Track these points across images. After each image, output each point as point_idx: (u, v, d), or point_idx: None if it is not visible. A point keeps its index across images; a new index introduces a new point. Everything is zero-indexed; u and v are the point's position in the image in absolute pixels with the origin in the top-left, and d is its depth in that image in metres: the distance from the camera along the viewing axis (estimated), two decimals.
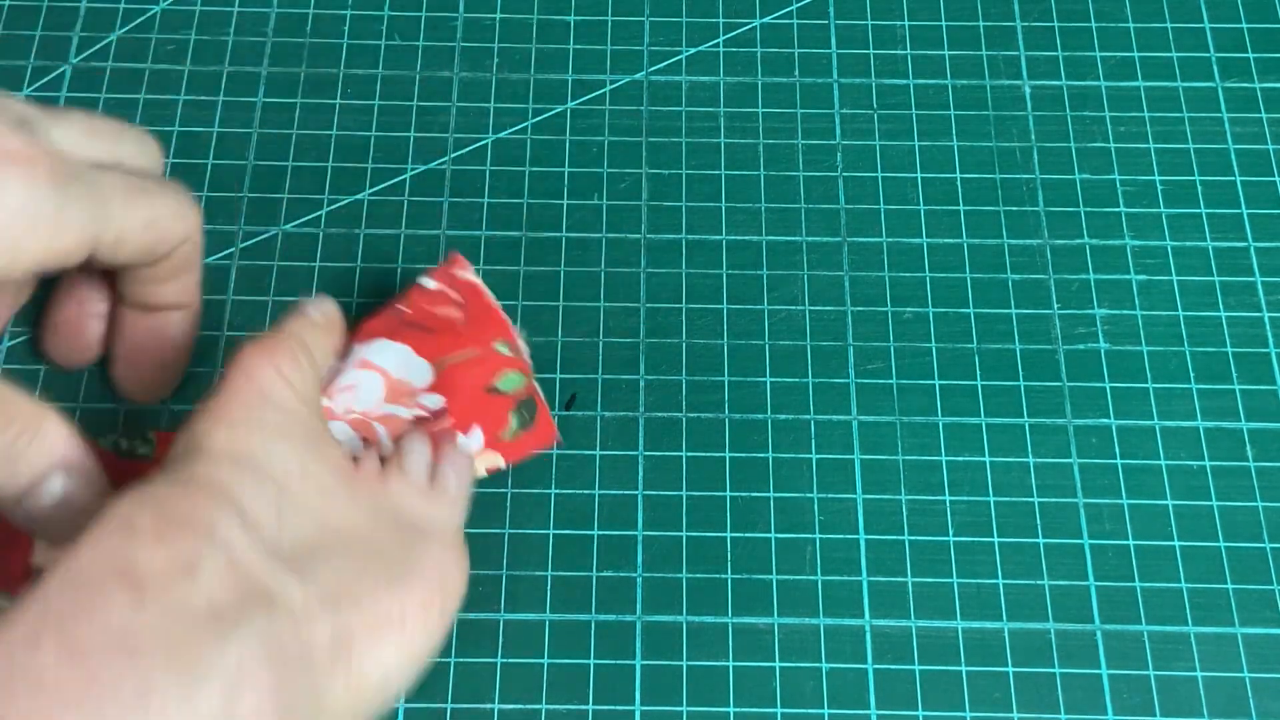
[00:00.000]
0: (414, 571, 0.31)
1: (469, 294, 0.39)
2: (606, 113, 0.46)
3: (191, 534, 0.28)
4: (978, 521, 0.40)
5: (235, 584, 0.27)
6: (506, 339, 0.38)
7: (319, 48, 0.47)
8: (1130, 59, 0.48)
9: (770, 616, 0.39)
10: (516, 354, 0.38)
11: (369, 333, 0.37)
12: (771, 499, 0.40)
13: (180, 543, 0.27)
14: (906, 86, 0.47)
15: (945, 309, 0.43)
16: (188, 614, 0.26)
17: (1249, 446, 0.41)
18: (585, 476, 0.40)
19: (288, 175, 0.45)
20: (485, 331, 0.38)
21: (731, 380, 0.42)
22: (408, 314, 0.38)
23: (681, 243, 0.44)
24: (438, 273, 0.39)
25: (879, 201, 0.45)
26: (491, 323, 0.39)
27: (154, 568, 0.27)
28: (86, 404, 0.41)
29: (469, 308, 0.39)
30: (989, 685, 0.38)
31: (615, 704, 0.37)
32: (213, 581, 0.27)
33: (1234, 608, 0.39)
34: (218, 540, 0.28)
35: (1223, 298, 0.43)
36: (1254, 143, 0.46)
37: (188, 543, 0.27)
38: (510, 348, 0.38)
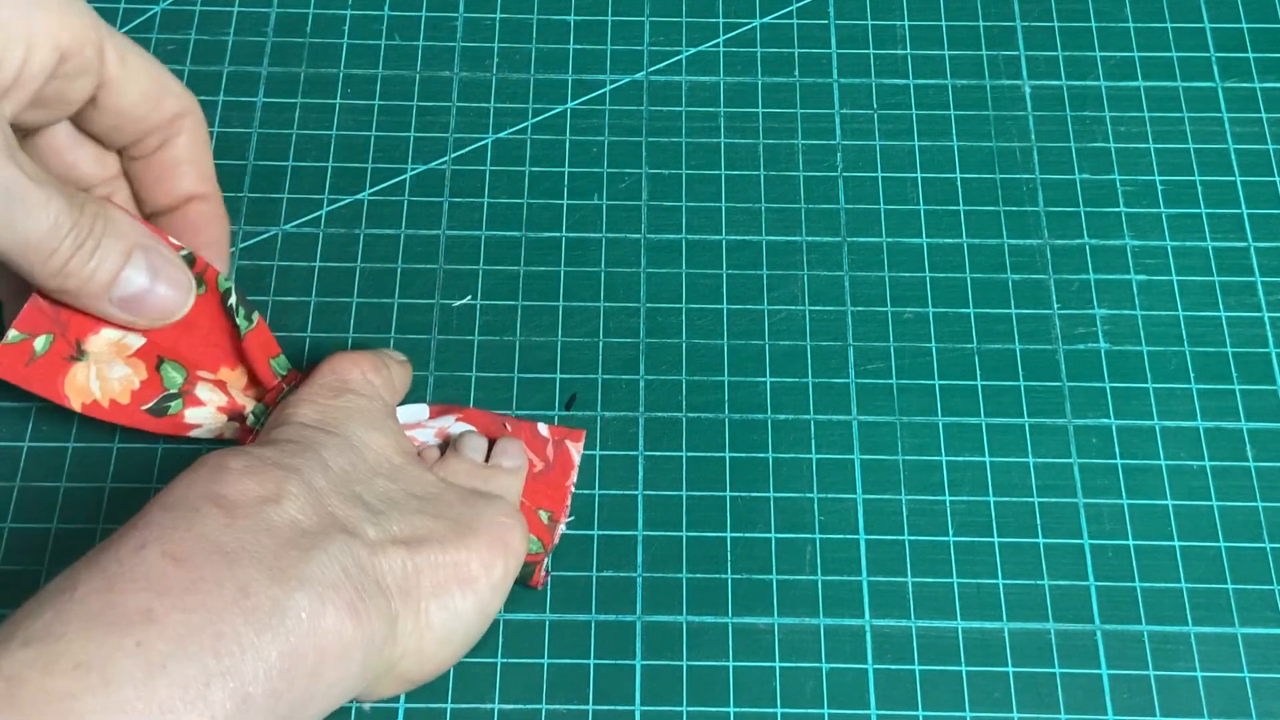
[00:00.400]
0: (478, 529, 0.34)
1: (559, 464, 0.40)
2: (606, 113, 0.46)
3: (277, 471, 0.31)
4: (978, 521, 0.40)
5: (317, 512, 0.31)
6: (554, 515, 0.39)
7: (319, 48, 0.47)
8: (1130, 59, 0.48)
9: (770, 616, 0.39)
10: (551, 529, 0.39)
11: (469, 416, 0.40)
12: (771, 499, 0.40)
13: (267, 477, 0.31)
14: (906, 86, 0.47)
15: (945, 309, 0.43)
16: (275, 532, 0.30)
17: (1249, 446, 0.41)
18: (585, 477, 0.40)
19: (288, 175, 0.45)
20: (542, 497, 0.39)
21: (731, 380, 0.42)
22: (508, 430, 0.40)
23: (681, 243, 0.44)
24: (556, 430, 0.40)
25: (879, 201, 0.45)
26: (554, 496, 0.40)
27: (244, 495, 0.30)
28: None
29: (549, 473, 0.40)
30: (989, 685, 0.38)
31: (615, 704, 0.37)
32: (295, 507, 0.31)
33: (1234, 608, 0.39)
34: (302, 478, 0.32)
35: (1223, 298, 0.43)
36: (1254, 143, 0.46)
37: (274, 477, 0.31)
38: (550, 520, 0.39)
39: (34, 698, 0.25)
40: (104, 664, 0.26)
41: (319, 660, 0.29)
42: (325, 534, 0.31)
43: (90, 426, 0.41)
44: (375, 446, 0.35)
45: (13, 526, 0.39)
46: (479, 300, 0.43)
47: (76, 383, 0.37)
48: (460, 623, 0.33)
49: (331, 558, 0.30)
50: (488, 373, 0.42)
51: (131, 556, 0.28)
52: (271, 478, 0.31)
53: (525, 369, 0.42)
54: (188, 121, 0.38)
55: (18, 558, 0.39)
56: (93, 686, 0.26)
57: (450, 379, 0.42)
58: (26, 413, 0.41)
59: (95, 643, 0.26)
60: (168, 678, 0.26)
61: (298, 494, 0.31)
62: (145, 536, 0.29)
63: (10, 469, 0.40)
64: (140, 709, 0.26)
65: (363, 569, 0.31)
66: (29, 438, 0.40)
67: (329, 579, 0.30)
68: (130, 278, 0.35)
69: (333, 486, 0.32)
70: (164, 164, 0.38)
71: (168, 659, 0.26)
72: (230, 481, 0.31)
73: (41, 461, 0.40)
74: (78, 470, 0.40)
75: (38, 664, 0.26)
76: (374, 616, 0.30)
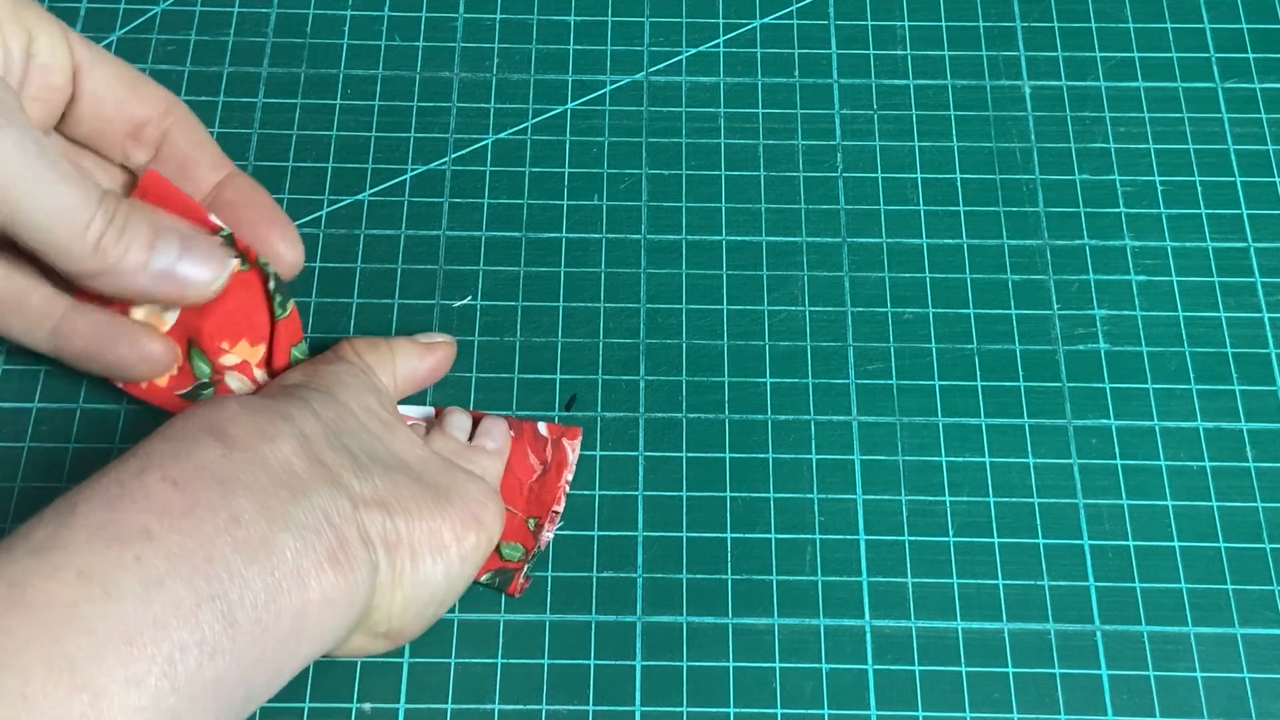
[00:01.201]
0: (454, 500, 0.35)
1: (556, 463, 0.40)
2: (607, 113, 0.46)
3: (272, 414, 0.32)
4: (978, 522, 0.40)
5: (307, 457, 0.32)
6: (541, 519, 0.39)
7: (319, 48, 0.47)
8: (1130, 59, 0.48)
9: (770, 617, 0.39)
10: (535, 536, 0.39)
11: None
12: (771, 499, 0.40)
13: (262, 417, 0.32)
14: (906, 87, 0.47)
15: (945, 309, 0.43)
16: (268, 468, 0.31)
17: (1249, 447, 0.41)
18: (585, 477, 0.40)
19: (288, 176, 0.45)
20: (535, 504, 0.40)
21: (731, 381, 0.42)
22: (511, 434, 0.40)
23: (681, 243, 0.44)
24: (554, 428, 0.40)
25: (879, 202, 0.45)
26: (545, 499, 0.40)
27: (241, 430, 0.31)
28: (87, 404, 0.41)
29: (546, 475, 0.40)
30: (989, 685, 0.38)
31: (615, 704, 0.37)
32: (288, 449, 0.32)
33: (1234, 608, 0.39)
34: (294, 424, 0.33)
35: (1223, 298, 0.43)
36: (1254, 143, 0.46)
37: (268, 419, 0.32)
38: (536, 527, 0.39)
39: (39, 602, 0.26)
40: (104, 575, 0.27)
41: (303, 601, 0.30)
42: (313, 479, 0.32)
43: (91, 427, 0.41)
44: (362, 405, 0.36)
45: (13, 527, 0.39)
46: (479, 301, 0.43)
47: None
48: (428, 587, 0.34)
49: (315, 504, 0.31)
50: (488, 373, 0.42)
51: (132, 480, 0.29)
52: (266, 419, 0.32)
53: (525, 369, 0.42)
54: (176, 113, 0.39)
55: None
56: (93, 595, 0.27)
57: (450, 379, 0.42)
58: (27, 413, 0.41)
59: (97, 554, 0.27)
60: (163, 594, 0.27)
61: (290, 435, 0.32)
62: (145, 463, 0.30)
63: (11, 470, 0.40)
64: (137, 620, 0.27)
65: (347, 519, 0.32)
66: (29, 439, 0.41)
67: (312, 524, 0.31)
68: (163, 253, 0.36)
69: (323, 435, 0.33)
70: (175, 160, 0.39)
71: (164, 575, 0.28)
72: (228, 418, 0.32)
73: (42, 462, 0.40)
74: (78, 472, 0.40)
75: (42, 570, 0.27)
76: (355, 565, 0.31)
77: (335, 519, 0.31)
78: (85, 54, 0.37)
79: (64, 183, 0.33)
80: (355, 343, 0.39)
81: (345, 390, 0.36)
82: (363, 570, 0.31)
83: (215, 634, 0.28)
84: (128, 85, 0.38)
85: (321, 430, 0.33)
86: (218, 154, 0.40)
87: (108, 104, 0.37)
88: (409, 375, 0.40)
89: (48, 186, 0.33)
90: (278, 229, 0.39)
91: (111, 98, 0.37)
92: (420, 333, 0.41)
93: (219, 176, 0.40)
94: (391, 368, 0.39)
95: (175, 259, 0.36)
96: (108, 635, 0.26)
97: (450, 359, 0.41)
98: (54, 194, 0.33)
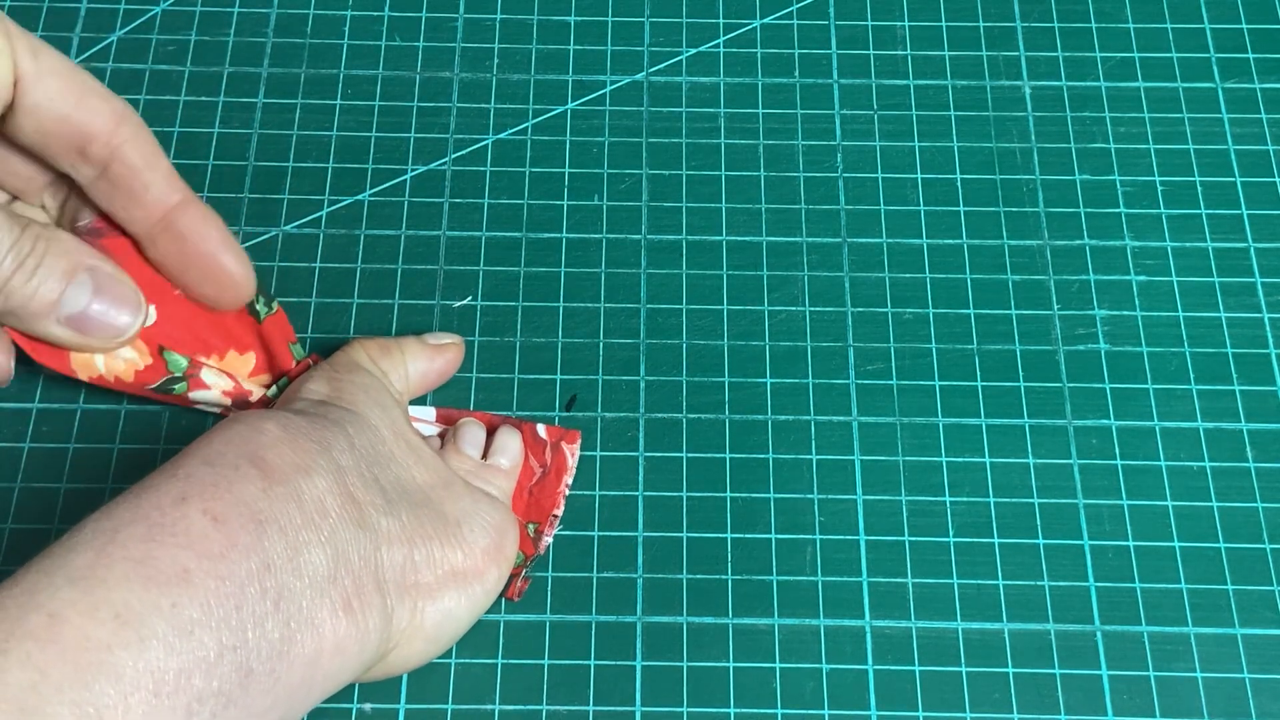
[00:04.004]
0: (474, 531, 0.35)
1: (555, 468, 0.40)
2: (607, 113, 0.46)
3: (310, 444, 0.32)
4: (978, 522, 0.40)
5: (340, 493, 0.32)
6: (540, 525, 0.39)
7: (319, 48, 0.47)
8: (1130, 59, 0.48)
9: (770, 617, 0.39)
10: (536, 541, 0.39)
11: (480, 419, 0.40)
12: (772, 500, 0.40)
13: (301, 447, 0.32)
14: (906, 87, 0.47)
15: (945, 310, 0.43)
16: (302, 505, 0.31)
17: (1249, 447, 0.41)
18: (585, 477, 0.40)
19: (288, 176, 0.45)
20: (535, 509, 0.40)
21: (731, 381, 0.42)
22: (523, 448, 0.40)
23: (682, 243, 0.44)
24: (553, 431, 0.40)
25: (879, 202, 0.45)
26: (545, 504, 0.40)
27: (280, 460, 0.31)
28: (87, 404, 0.41)
29: (545, 479, 0.40)
30: (989, 686, 0.38)
31: (616, 705, 0.37)
32: (323, 484, 0.31)
33: (1234, 608, 0.39)
34: (331, 455, 0.32)
35: (1223, 298, 0.43)
36: (1254, 143, 0.46)
37: (307, 449, 0.32)
38: (537, 533, 0.39)
39: (75, 642, 0.26)
40: (140, 620, 0.27)
41: (316, 650, 0.30)
42: (341, 522, 0.31)
43: (91, 428, 0.41)
44: (388, 424, 0.36)
45: (13, 527, 0.39)
46: (479, 301, 0.43)
47: (82, 358, 0.37)
48: (451, 623, 0.34)
49: (338, 552, 0.31)
50: (488, 374, 0.42)
51: (173, 509, 0.29)
52: (305, 448, 0.32)
53: (525, 370, 0.42)
54: (128, 130, 0.36)
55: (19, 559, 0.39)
56: (128, 641, 0.27)
57: (451, 380, 0.42)
58: (27, 413, 0.41)
59: (135, 595, 0.27)
60: (191, 644, 0.27)
61: (327, 469, 0.32)
62: (187, 489, 0.30)
63: (11, 470, 0.40)
64: (165, 670, 0.27)
65: (365, 563, 0.32)
66: (29, 439, 0.41)
67: (330, 572, 0.31)
68: (75, 296, 0.35)
69: (355, 466, 0.33)
70: (124, 180, 0.36)
71: (195, 625, 0.28)
72: (268, 445, 0.31)
73: (42, 462, 0.40)
74: (78, 472, 0.40)
75: (80, 606, 0.27)
76: (369, 613, 0.31)
77: (356, 566, 0.31)
78: (29, 65, 0.34)
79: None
80: (368, 346, 0.39)
81: (374, 409, 0.36)
82: (376, 618, 0.31)
83: (231, 685, 0.28)
84: (72, 99, 0.35)
85: (355, 463, 0.33)
86: (171, 175, 0.37)
87: (47, 119, 0.35)
88: (419, 378, 0.40)
89: None
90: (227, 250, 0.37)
91: (52, 113, 0.35)
92: (427, 333, 0.41)
93: (171, 200, 0.37)
94: (403, 371, 0.39)
95: (88, 302, 0.35)
96: (135, 684, 0.26)
97: (459, 359, 0.41)
98: None
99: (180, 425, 0.41)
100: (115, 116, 0.36)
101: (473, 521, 0.35)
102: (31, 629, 0.26)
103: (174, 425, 0.41)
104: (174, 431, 0.41)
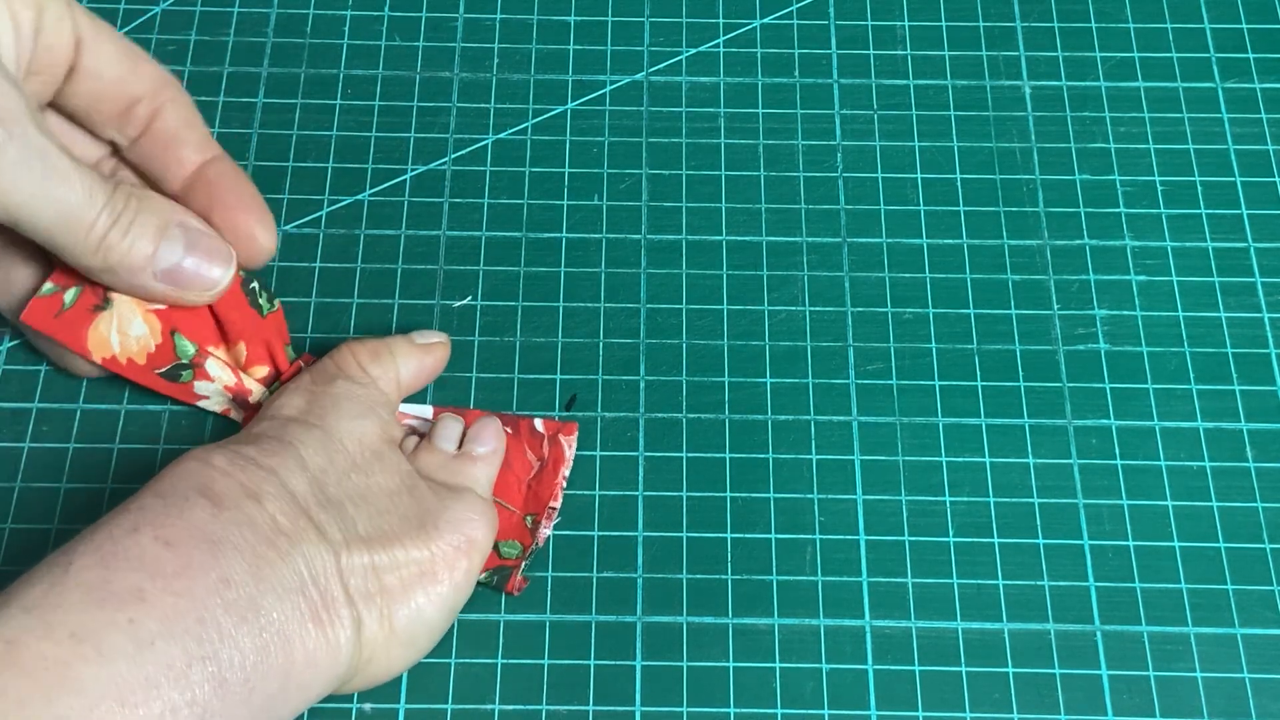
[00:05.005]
0: (443, 528, 0.35)
1: (553, 460, 0.40)
2: (607, 113, 0.46)
3: (258, 470, 0.33)
4: (978, 522, 0.40)
5: (292, 512, 0.32)
6: (538, 517, 0.39)
7: (319, 48, 0.47)
8: (1130, 59, 0.48)
9: (770, 617, 0.39)
10: (534, 532, 0.39)
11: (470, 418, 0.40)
12: (771, 499, 0.40)
13: (249, 475, 0.32)
14: (906, 87, 0.47)
15: (945, 310, 0.43)
16: (256, 527, 0.31)
17: (1249, 447, 0.41)
18: (585, 477, 0.40)
19: (288, 176, 0.45)
20: (533, 501, 0.40)
21: (731, 381, 0.42)
22: (508, 432, 0.40)
23: (681, 243, 0.44)
24: (550, 424, 0.40)
25: (879, 202, 0.45)
26: (543, 496, 0.40)
27: (228, 490, 0.32)
28: (87, 404, 0.41)
29: (543, 471, 0.40)
30: (989, 685, 0.38)
31: (615, 705, 0.37)
32: (275, 507, 0.32)
33: (1234, 608, 0.39)
34: (279, 479, 0.33)
35: (1223, 298, 0.43)
36: (1254, 143, 0.46)
37: (255, 477, 0.32)
38: (534, 524, 0.39)
39: (32, 662, 0.26)
40: (97, 637, 0.27)
41: (288, 661, 0.30)
42: (298, 538, 0.32)
43: (91, 428, 0.41)
44: (356, 436, 0.36)
45: (13, 527, 0.39)
46: (479, 301, 0.43)
47: (99, 334, 0.37)
48: (424, 624, 0.34)
49: (300, 564, 0.31)
50: (488, 373, 0.42)
51: (125, 538, 0.30)
52: (253, 477, 0.32)
53: (525, 369, 0.42)
54: (170, 92, 0.38)
55: (19, 558, 0.39)
56: (86, 656, 0.27)
57: (450, 379, 0.42)
58: (27, 413, 0.41)
59: (90, 615, 0.28)
60: (154, 655, 0.28)
61: (275, 494, 0.32)
62: (138, 520, 0.30)
63: (11, 470, 0.40)
64: (129, 681, 0.27)
65: (329, 576, 0.32)
66: (29, 439, 0.41)
67: (296, 585, 0.31)
68: (169, 251, 0.36)
69: (308, 487, 0.33)
70: (163, 138, 0.38)
71: (156, 637, 0.28)
72: (216, 477, 0.32)
73: (42, 462, 0.40)
74: (78, 472, 0.40)
75: (36, 630, 0.27)
76: (337, 624, 0.32)
77: (321, 578, 0.32)
78: (89, 29, 0.36)
79: (67, 185, 0.33)
80: (357, 352, 0.39)
81: (342, 420, 0.36)
82: (346, 629, 0.32)
83: (205, 695, 0.28)
84: (127, 62, 0.37)
85: (307, 484, 0.34)
86: (207, 137, 0.39)
87: (105, 80, 0.37)
88: (411, 378, 0.40)
89: (51, 190, 0.33)
90: (255, 214, 0.39)
91: (110, 74, 0.37)
92: (414, 331, 0.41)
93: (204, 158, 0.39)
94: (394, 374, 0.39)
95: (181, 256, 0.36)
96: (100, 695, 0.27)
97: (446, 356, 0.41)
98: (57, 198, 0.33)
99: (180, 426, 0.41)
100: (161, 79, 0.38)
101: (438, 519, 0.35)
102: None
103: (174, 425, 0.41)
104: (174, 431, 0.41)
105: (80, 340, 0.37)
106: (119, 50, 0.37)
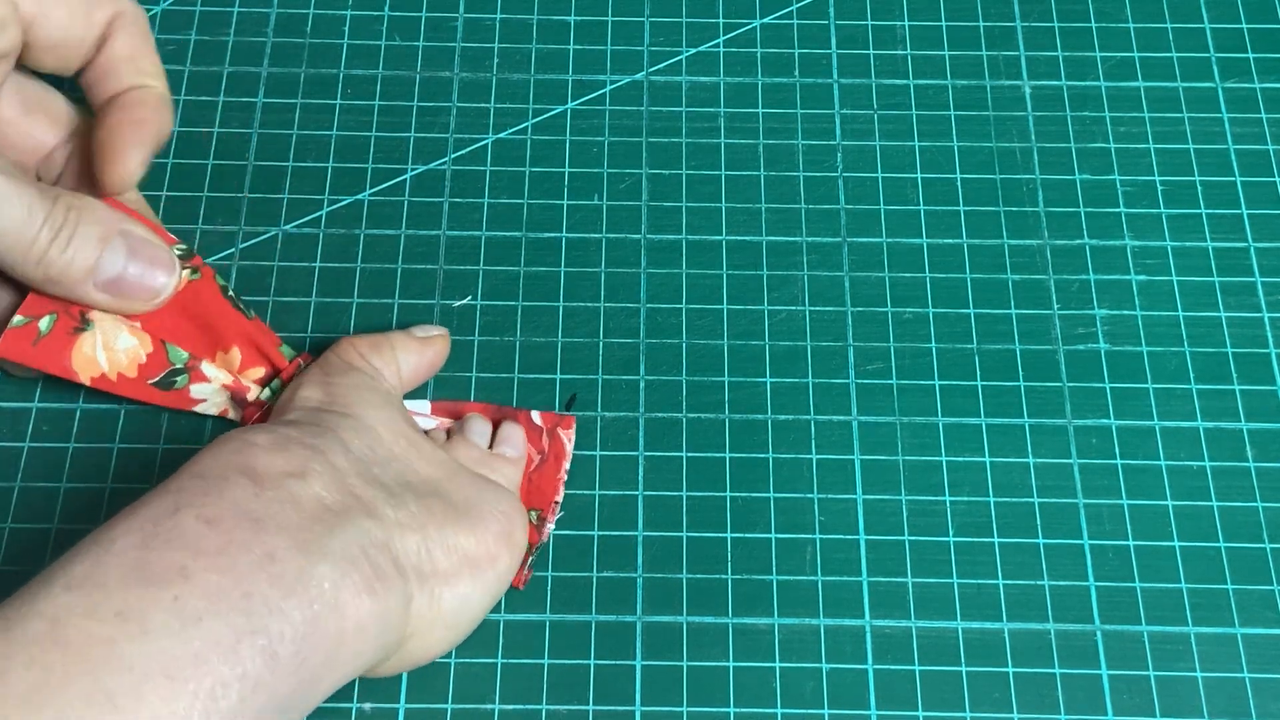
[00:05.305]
0: (486, 519, 0.35)
1: (554, 454, 0.40)
2: (607, 113, 0.46)
3: (301, 448, 0.32)
4: (978, 521, 0.40)
5: (339, 490, 0.32)
6: (543, 512, 0.39)
7: (319, 48, 0.47)
8: (1130, 59, 0.48)
9: (770, 617, 0.39)
10: (539, 528, 0.39)
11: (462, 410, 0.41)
12: (771, 499, 0.40)
13: (292, 454, 0.32)
14: (906, 86, 0.47)
15: (945, 309, 0.43)
16: (300, 505, 0.31)
17: (1249, 447, 0.41)
18: (585, 477, 0.40)
19: (288, 176, 0.45)
20: (536, 496, 0.40)
21: (731, 381, 0.42)
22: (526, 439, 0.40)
23: (681, 243, 0.44)
24: (548, 417, 0.40)
25: (879, 202, 0.45)
26: (546, 490, 0.40)
27: (270, 468, 0.31)
28: (87, 404, 0.41)
29: (544, 465, 0.40)
30: (989, 685, 0.38)
31: (615, 704, 0.37)
32: (320, 484, 0.32)
33: (1234, 608, 0.39)
34: (325, 458, 0.33)
35: (1223, 298, 0.43)
36: (1254, 143, 0.46)
37: (298, 455, 0.32)
38: (539, 519, 0.39)
39: (78, 640, 0.26)
40: (143, 614, 0.27)
41: (339, 630, 0.30)
42: (347, 512, 0.32)
43: (91, 428, 0.41)
44: (386, 423, 0.36)
45: (13, 527, 0.39)
46: (479, 300, 0.43)
47: (84, 355, 0.37)
48: (469, 610, 0.34)
49: (352, 536, 0.31)
50: (488, 373, 0.42)
51: (167, 519, 0.29)
52: (296, 455, 0.32)
53: (525, 369, 0.42)
54: (121, 21, 0.39)
55: (19, 559, 0.39)
56: (131, 634, 0.27)
57: (450, 379, 0.42)
58: (27, 413, 0.41)
59: (134, 593, 0.28)
60: (201, 631, 0.28)
61: (322, 471, 0.32)
62: (179, 500, 0.30)
63: (11, 470, 0.40)
64: (176, 657, 0.27)
65: (381, 548, 0.32)
66: (29, 439, 0.41)
67: (349, 555, 0.31)
68: (110, 261, 0.36)
69: (353, 467, 0.33)
70: (103, 67, 0.39)
71: (202, 614, 0.28)
72: (257, 455, 0.32)
73: (42, 462, 0.40)
74: (78, 472, 0.40)
75: (80, 608, 0.27)
76: (390, 594, 0.31)
77: (372, 550, 0.31)
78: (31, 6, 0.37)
79: (6, 204, 0.34)
80: (358, 344, 0.39)
81: (368, 409, 0.36)
82: (396, 598, 0.32)
83: (257, 668, 0.28)
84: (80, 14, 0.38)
85: (352, 463, 0.33)
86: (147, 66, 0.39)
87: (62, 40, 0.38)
88: (411, 372, 0.40)
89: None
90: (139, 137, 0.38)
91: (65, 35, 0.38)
92: (413, 325, 0.41)
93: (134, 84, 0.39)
94: (395, 367, 0.39)
95: (123, 266, 0.36)
96: (147, 672, 0.27)
97: (446, 351, 0.41)
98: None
99: (180, 426, 0.41)
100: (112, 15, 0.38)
101: (481, 508, 0.35)
102: (33, 634, 0.26)
103: (174, 425, 0.41)
104: (174, 431, 0.41)
105: (64, 365, 0.37)
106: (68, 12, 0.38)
